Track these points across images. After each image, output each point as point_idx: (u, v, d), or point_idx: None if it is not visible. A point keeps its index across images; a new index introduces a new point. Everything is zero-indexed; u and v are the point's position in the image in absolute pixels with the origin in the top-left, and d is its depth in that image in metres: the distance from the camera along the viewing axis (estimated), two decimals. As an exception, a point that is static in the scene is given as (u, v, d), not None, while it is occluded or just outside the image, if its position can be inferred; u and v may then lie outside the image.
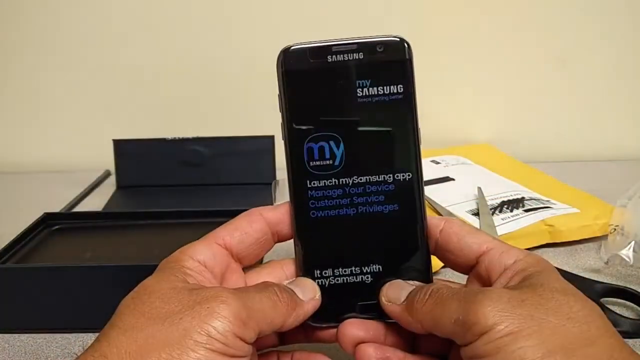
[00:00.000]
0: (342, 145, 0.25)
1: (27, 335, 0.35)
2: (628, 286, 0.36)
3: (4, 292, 0.35)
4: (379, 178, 0.25)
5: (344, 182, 0.25)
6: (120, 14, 0.66)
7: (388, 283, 0.27)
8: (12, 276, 0.34)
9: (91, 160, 0.71)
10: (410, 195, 0.26)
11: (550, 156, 0.71)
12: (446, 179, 0.55)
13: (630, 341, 0.32)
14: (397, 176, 0.26)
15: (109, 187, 0.63)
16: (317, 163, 0.25)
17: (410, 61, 0.26)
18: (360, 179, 0.25)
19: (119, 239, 0.41)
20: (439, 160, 0.60)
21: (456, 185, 0.53)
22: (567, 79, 0.69)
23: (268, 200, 0.56)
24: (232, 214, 0.42)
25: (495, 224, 0.44)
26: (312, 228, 0.26)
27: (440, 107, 0.70)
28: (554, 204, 0.48)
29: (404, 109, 0.26)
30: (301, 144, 0.25)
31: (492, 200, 0.49)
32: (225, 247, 0.27)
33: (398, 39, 0.26)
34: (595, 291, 0.36)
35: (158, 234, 0.41)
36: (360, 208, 0.26)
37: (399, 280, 0.27)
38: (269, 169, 0.60)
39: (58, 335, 0.35)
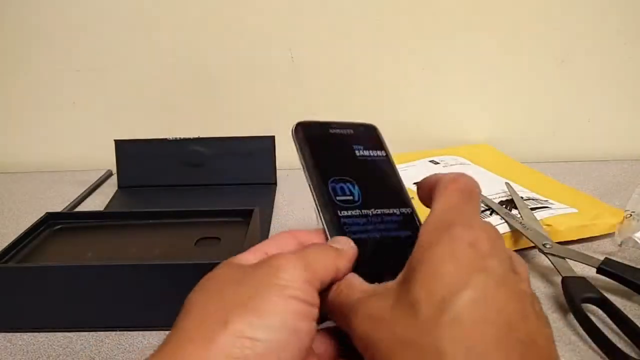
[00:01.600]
0: (356, 186, 0.31)
1: (29, 334, 0.36)
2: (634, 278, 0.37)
3: (6, 291, 0.35)
4: (389, 211, 0.31)
5: (366, 213, 0.31)
6: (121, 15, 0.66)
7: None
8: (14, 275, 0.35)
9: (93, 161, 0.71)
10: (414, 224, 0.31)
11: (548, 156, 0.72)
12: (445, 179, 0.55)
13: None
14: (402, 210, 0.32)
15: (111, 187, 0.64)
16: (342, 198, 0.31)
17: (380, 137, 0.35)
18: (377, 211, 0.31)
19: (120, 239, 0.41)
20: (437, 161, 0.61)
21: (455, 185, 0.53)
22: (566, 79, 0.69)
23: (268, 200, 0.57)
24: (233, 214, 0.43)
25: (494, 224, 0.44)
26: None
27: (440, 108, 0.71)
28: (553, 204, 0.49)
29: (389, 164, 0.34)
30: (326, 185, 0.31)
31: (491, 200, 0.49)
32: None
33: (372, 125, 0.35)
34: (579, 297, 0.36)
35: (159, 234, 0.42)
36: (383, 233, 0.30)
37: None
38: (269, 169, 0.60)
39: (60, 334, 0.35)
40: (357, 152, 0.34)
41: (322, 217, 0.30)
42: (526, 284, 0.24)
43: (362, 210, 0.30)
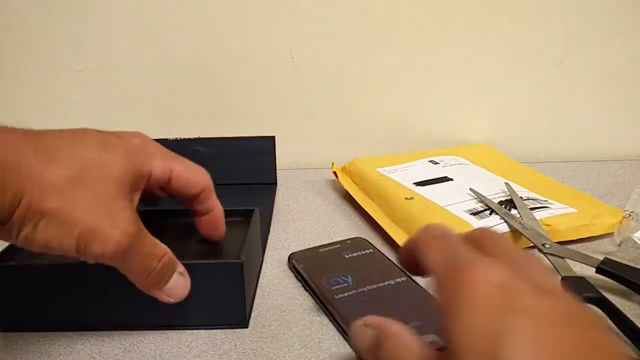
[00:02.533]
0: (349, 276, 0.40)
1: (30, 334, 0.36)
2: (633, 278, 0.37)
3: (6, 291, 0.35)
4: (384, 284, 0.39)
5: (360, 291, 0.38)
6: (121, 15, 0.66)
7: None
8: (15, 275, 0.35)
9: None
10: (410, 286, 0.39)
11: (547, 156, 0.72)
12: (444, 179, 0.55)
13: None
14: (396, 280, 0.39)
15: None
16: (337, 287, 0.38)
17: (367, 241, 0.46)
18: (370, 287, 0.38)
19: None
20: (437, 161, 0.61)
21: (454, 185, 0.53)
22: (566, 79, 0.69)
23: (269, 201, 0.57)
24: (233, 214, 0.43)
25: (493, 224, 0.45)
26: (347, 314, 0.36)
27: (439, 108, 0.71)
28: (552, 203, 0.49)
29: (378, 254, 0.44)
30: (322, 282, 0.39)
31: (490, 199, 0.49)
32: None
33: (359, 237, 0.46)
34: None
35: (160, 233, 0.42)
36: (380, 299, 0.37)
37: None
38: (270, 169, 0.60)
39: (60, 334, 0.36)
40: (345, 255, 0.43)
41: (325, 302, 0.37)
42: (559, 296, 0.21)
43: (357, 290, 0.38)
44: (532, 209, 0.47)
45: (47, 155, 0.27)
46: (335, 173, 0.60)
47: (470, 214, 0.46)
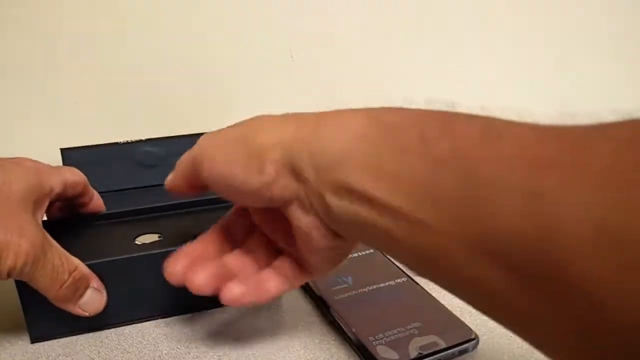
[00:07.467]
0: (349, 276, 0.40)
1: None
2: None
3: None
4: (384, 284, 0.39)
5: (360, 291, 0.38)
6: (121, 14, 0.66)
7: None
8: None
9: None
10: (411, 287, 0.39)
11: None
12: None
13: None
14: (396, 280, 0.39)
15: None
16: (337, 287, 0.38)
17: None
18: (371, 288, 0.38)
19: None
20: (438, 161, 0.61)
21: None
22: (566, 79, 0.69)
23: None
24: (199, 207, 0.43)
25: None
26: (347, 314, 0.36)
27: (439, 108, 0.71)
28: (552, 204, 0.49)
29: (378, 255, 0.43)
30: (323, 282, 0.39)
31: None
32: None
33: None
34: None
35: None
36: (380, 300, 0.37)
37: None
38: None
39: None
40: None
41: (326, 305, 0.37)
42: None
43: (357, 290, 0.38)
44: (532, 209, 0.47)
45: None
46: (335, 173, 0.60)
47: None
